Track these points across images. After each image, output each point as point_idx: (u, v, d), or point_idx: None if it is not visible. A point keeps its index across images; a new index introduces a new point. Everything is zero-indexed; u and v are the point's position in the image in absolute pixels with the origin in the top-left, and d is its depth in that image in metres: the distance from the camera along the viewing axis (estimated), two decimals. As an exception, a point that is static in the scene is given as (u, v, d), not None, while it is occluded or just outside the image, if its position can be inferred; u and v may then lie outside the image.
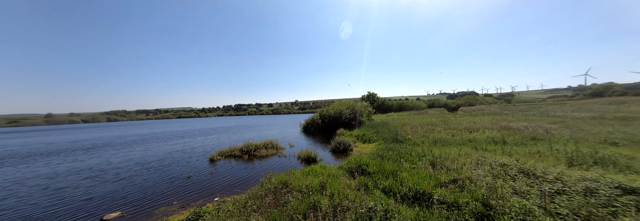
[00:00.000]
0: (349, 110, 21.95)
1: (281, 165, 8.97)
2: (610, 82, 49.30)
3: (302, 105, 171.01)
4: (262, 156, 10.84)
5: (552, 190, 3.84)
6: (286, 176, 5.62)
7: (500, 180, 4.46)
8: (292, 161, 9.66)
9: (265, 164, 9.21)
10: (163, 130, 33.34)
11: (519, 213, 3.10)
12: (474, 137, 10.04)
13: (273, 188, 5.04)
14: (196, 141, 17.98)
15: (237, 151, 11.31)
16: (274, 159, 10.10)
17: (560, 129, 10.84)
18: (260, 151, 11.32)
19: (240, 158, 10.53)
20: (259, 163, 9.49)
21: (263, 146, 12.06)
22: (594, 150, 6.33)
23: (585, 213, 3.08)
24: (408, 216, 3.05)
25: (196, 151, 13.33)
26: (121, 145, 17.28)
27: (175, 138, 21.41)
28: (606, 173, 4.61)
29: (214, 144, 16.09)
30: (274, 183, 5.30)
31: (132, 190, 6.65)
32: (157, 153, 13.14)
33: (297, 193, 4.46)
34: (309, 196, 4.12)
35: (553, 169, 4.83)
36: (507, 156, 6.46)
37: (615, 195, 3.51)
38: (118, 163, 10.69)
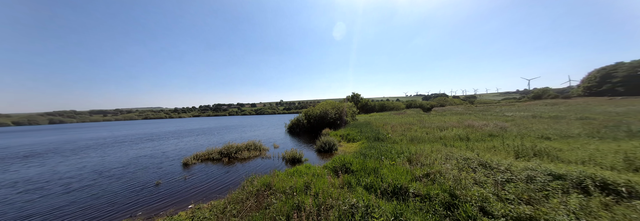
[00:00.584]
0: (334, 110, 22.34)
1: (265, 167, 8.72)
2: (546, 87, 59.42)
3: (288, 105, 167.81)
4: (244, 158, 10.38)
5: (503, 179, 4.48)
6: (269, 178, 5.50)
7: (464, 172, 5.03)
8: (277, 162, 9.46)
9: (248, 167, 8.84)
10: (127, 133, 29.50)
11: (478, 200, 3.56)
12: (444, 135, 11.12)
13: (255, 190, 4.88)
14: (168, 144, 16.34)
15: (216, 154, 10.64)
16: (257, 161, 9.76)
17: (511, 126, 12.65)
18: (242, 153, 10.82)
19: (220, 161, 9.94)
20: (240, 166, 9.06)
21: (245, 147, 11.54)
22: (534, 144, 7.55)
23: (526, 197, 3.68)
24: (387, 210, 3.27)
25: (168, 155, 12.15)
26: (71, 151, 14.76)
27: (143, 141, 19.16)
28: (542, 163, 5.55)
29: (190, 147, 14.84)
30: (257, 186, 5.14)
31: (86, 203, 5.74)
32: (119, 158, 11.61)
33: (280, 195, 4.40)
34: (293, 197, 4.12)
35: (504, 161, 5.64)
36: (470, 151, 7.31)
37: (547, 180, 4.26)
38: (67, 172, 9.14)
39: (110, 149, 14.92)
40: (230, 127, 33.31)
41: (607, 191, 3.78)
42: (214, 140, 18.26)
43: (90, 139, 22.23)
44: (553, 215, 3.00)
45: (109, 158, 11.88)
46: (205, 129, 29.89)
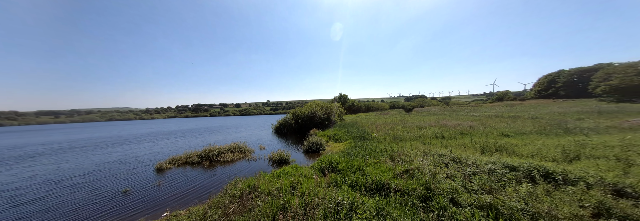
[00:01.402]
0: (322, 111, 22.53)
1: (250, 169, 8.47)
2: (506, 90, 67.35)
3: (275, 105, 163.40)
4: (227, 161, 9.92)
5: (470, 172, 5.02)
6: (254, 180, 5.38)
7: (438, 168, 5.52)
8: (263, 164, 9.25)
9: (231, 170, 8.49)
10: (89, 136, 26.17)
11: (449, 192, 3.95)
12: (423, 133, 11.96)
13: (239, 194, 4.74)
14: (141, 148, 14.92)
15: (195, 157, 10.00)
16: (241, 164, 9.41)
17: (478, 125, 14.08)
18: (224, 155, 10.34)
19: (200, 165, 9.37)
20: (222, 169, 8.66)
21: (228, 150, 11.04)
22: (495, 141, 8.54)
23: (487, 187, 4.18)
24: (370, 206, 3.47)
25: (142, 160, 11.11)
26: (15, 159, 12.63)
27: (109, 145, 17.19)
28: (502, 157, 6.32)
29: (167, 150, 13.71)
30: (241, 189, 4.98)
31: (38, 217, 4.98)
32: (80, 165, 10.29)
33: (266, 197, 4.34)
34: (279, 198, 4.10)
35: (472, 157, 6.30)
36: (444, 148, 8.00)
37: (505, 172, 4.88)
38: (11, 182, 7.82)
39: (69, 155, 13.15)
40: (213, 128, 31.56)
41: (549, 180, 4.47)
42: (194, 143, 17.13)
43: (41, 144, 19.26)
44: (508, 201, 3.47)
45: (68, 165, 10.47)
46: (184, 131, 27.86)
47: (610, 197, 3.59)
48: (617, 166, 5.05)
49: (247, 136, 20.25)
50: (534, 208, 3.21)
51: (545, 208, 3.15)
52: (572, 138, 8.38)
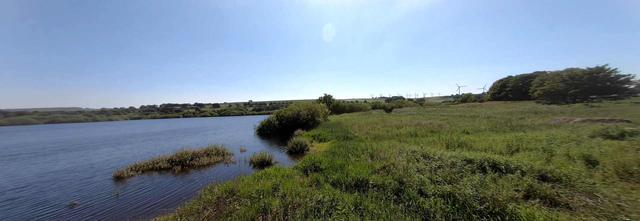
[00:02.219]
0: (306, 111, 22.54)
1: (228, 173, 8.08)
2: (469, 93, 76.50)
3: (258, 106, 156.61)
4: (203, 165, 9.30)
5: (436, 166, 5.65)
6: (233, 184, 5.17)
7: (411, 163, 6.08)
8: (243, 166, 8.91)
9: (207, 174, 8.00)
10: (24, 141, 21.76)
11: (418, 184, 4.42)
12: (399, 132, 12.90)
13: (215, 198, 4.50)
14: (97, 155, 13.04)
15: (164, 163, 9.13)
16: (219, 167, 8.91)
17: (445, 124, 15.75)
18: (200, 159, 9.67)
19: (169, 171, 8.61)
20: (197, 174, 8.10)
21: (204, 153, 10.34)
22: (458, 137, 9.69)
23: (449, 178, 4.79)
24: (349, 202, 3.69)
25: (99, 167, 9.76)
26: None
27: (53, 152, 14.59)
28: (462, 151, 7.23)
29: (131, 156, 12.21)
30: (217, 193, 4.75)
31: None
32: (14, 176, 8.61)
33: (245, 200, 4.23)
34: (259, 201, 4.05)
35: (438, 152, 7.08)
36: (416, 145, 8.79)
37: (463, 165, 5.62)
38: None
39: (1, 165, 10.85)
40: (188, 130, 29.12)
41: (496, 169, 5.30)
42: (165, 146, 15.59)
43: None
44: (463, 189, 4.04)
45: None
46: (153, 134, 25.02)
47: (537, 181, 4.44)
48: (543, 156, 6.23)
49: (227, 138, 19.20)
50: (482, 193, 3.81)
51: (490, 193, 3.76)
52: (514, 134, 9.99)
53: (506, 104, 42.42)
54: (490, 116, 21.06)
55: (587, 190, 4.15)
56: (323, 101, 48.16)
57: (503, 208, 3.43)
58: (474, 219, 3.29)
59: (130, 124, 53.31)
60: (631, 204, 3.57)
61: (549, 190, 4.08)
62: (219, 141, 16.39)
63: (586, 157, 5.71)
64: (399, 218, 3.21)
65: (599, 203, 3.70)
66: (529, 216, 3.16)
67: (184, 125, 41.50)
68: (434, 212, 3.43)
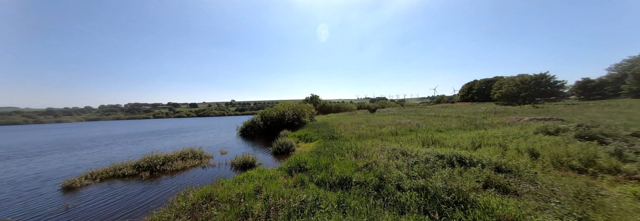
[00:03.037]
0: (292, 111, 22.29)
1: (206, 177, 7.58)
2: (443, 95, 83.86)
3: (241, 106, 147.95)
4: (176, 169, 8.58)
5: (413, 162, 6.10)
6: (211, 188, 4.89)
7: (391, 160, 6.46)
8: (223, 170, 8.46)
9: (181, 180, 7.41)
10: None
11: (396, 180, 4.73)
12: (382, 131, 13.56)
13: (190, 205, 4.21)
14: (43, 163, 11.13)
15: (129, 169, 8.21)
16: (195, 172, 8.32)
17: (422, 123, 17.01)
18: (173, 163, 8.91)
19: (135, 177, 7.77)
20: (170, 180, 7.45)
21: (179, 156, 9.56)
22: (432, 135, 10.56)
23: (423, 173, 5.21)
24: (332, 200, 3.80)
25: (45, 176, 8.41)
26: None
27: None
28: (435, 148, 7.92)
29: (90, 163, 10.69)
30: (192, 199, 4.44)
31: None
32: None
33: (224, 205, 4.03)
34: (240, 204, 3.91)
35: (415, 149, 7.63)
36: (397, 143, 9.35)
37: (436, 160, 6.16)
38: None
39: None
40: (162, 132, 26.59)
41: (462, 164, 5.92)
42: (134, 151, 14.04)
43: None
44: (434, 183, 4.44)
45: None
46: (119, 137, 22.31)
47: (493, 173, 5.09)
48: (499, 150, 7.14)
49: (207, 140, 17.98)
50: (450, 185, 4.24)
51: (456, 185, 4.21)
52: (477, 131, 11.24)
53: (472, 105, 47.35)
54: (460, 115, 23.32)
55: (530, 178, 4.89)
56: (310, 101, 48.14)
57: (466, 197, 3.87)
58: (442, 209, 3.65)
59: (88, 127, 46.45)
60: (561, 188, 4.32)
61: (502, 180, 4.71)
62: (198, 143, 15.25)
63: (531, 150, 6.71)
64: (378, 213, 3.40)
65: (539, 189, 4.40)
66: (486, 203, 3.62)
67: (157, 127, 37.67)
68: (409, 205, 3.72)
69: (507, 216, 3.24)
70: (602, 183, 4.70)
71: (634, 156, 5.83)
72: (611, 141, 7.15)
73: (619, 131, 7.79)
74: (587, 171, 5.32)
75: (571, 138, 7.90)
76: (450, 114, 25.37)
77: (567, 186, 4.32)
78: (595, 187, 4.45)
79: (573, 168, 5.54)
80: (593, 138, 7.62)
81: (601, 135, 7.70)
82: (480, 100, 58.37)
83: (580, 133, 8.08)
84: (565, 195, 4.06)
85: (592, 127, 8.62)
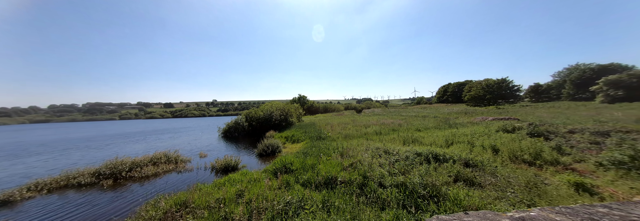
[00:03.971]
0: (279, 112, 21.86)
1: (182, 182, 7.03)
2: (422, 96, 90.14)
3: (224, 106, 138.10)
4: (146, 176, 7.80)
5: (394, 160, 6.43)
6: (187, 195, 4.55)
7: (374, 159, 6.73)
8: (202, 174, 7.94)
9: (152, 187, 6.78)
10: None
11: (379, 177, 4.94)
12: (367, 131, 14.02)
13: (161, 214, 3.91)
14: None
15: (87, 177, 7.27)
16: (169, 178, 7.66)
17: (404, 123, 18.00)
18: (142, 169, 8.09)
19: (94, 187, 6.90)
20: (138, 188, 6.75)
21: (150, 161, 8.72)
22: (412, 134, 11.25)
23: (403, 170, 5.53)
24: (318, 200, 3.83)
25: None
26: None
27: None
28: (414, 146, 8.45)
29: (42, 171, 9.22)
30: (164, 208, 4.10)
31: None
32: None
33: (202, 211, 3.80)
34: (220, 210, 3.73)
35: (397, 147, 8.06)
36: (380, 142, 9.76)
37: (414, 157, 6.58)
38: None
39: None
40: (132, 135, 24.07)
41: (437, 160, 6.42)
42: (99, 156, 12.43)
43: None
44: (412, 178, 4.74)
45: None
46: (79, 141, 19.63)
47: (462, 168, 5.62)
48: (467, 147, 7.89)
49: (185, 142, 16.74)
50: (425, 181, 4.57)
51: (431, 180, 4.55)
52: (450, 130, 12.28)
53: (447, 106, 51.57)
54: (436, 116, 25.20)
55: (492, 171, 5.50)
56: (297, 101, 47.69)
57: (439, 191, 4.21)
58: (418, 202, 3.92)
59: (32, 129, 39.73)
60: (515, 179, 4.94)
61: (469, 174, 5.23)
62: (175, 146, 14.08)
63: (493, 147, 7.55)
64: (361, 210, 3.52)
65: (498, 180, 4.97)
66: (455, 195, 3.98)
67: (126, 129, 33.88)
68: (389, 201, 3.92)
69: (472, 206, 3.61)
70: (546, 174, 5.50)
71: (570, 150, 6.93)
72: (553, 137, 8.39)
73: (559, 129, 9.17)
74: (535, 164, 6.17)
75: (524, 135, 9.08)
76: (428, 115, 27.27)
77: (520, 177, 4.96)
78: (541, 177, 5.18)
79: (525, 161, 6.38)
80: (540, 134, 8.86)
81: (546, 132, 8.99)
82: (454, 101, 63.81)
83: (531, 130, 9.33)
84: (518, 185, 4.65)
85: (540, 125, 10.01)
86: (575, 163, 6.05)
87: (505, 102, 39.59)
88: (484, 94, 41.47)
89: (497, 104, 38.99)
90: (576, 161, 6.11)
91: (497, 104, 39.46)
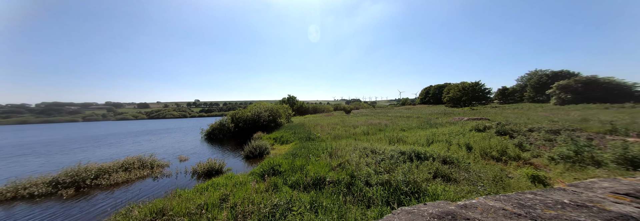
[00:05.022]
0: (268, 112, 21.36)
1: (158, 189, 6.53)
2: (407, 98, 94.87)
3: (208, 106, 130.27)
4: (116, 183, 7.05)
5: (380, 159, 6.69)
6: (164, 202, 4.24)
7: (362, 158, 6.92)
8: (181, 179, 7.44)
9: (124, 194, 6.19)
10: None
11: (365, 176, 5.10)
12: (355, 131, 14.35)
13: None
14: None
15: (41, 186, 6.45)
16: (143, 184, 7.04)
17: (389, 123, 18.77)
18: (111, 176, 7.29)
19: (51, 197, 6.11)
20: (106, 196, 6.09)
21: (121, 167, 7.93)
22: (397, 134, 11.78)
23: (387, 168, 5.77)
24: (306, 201, 3.84)
25: None
26: None
27: None
28: (399, 145, 8.86)
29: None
30: (137, 217, 3.82)
31: None
32: None
33: (181, 219, 3.62)
34: (201, 216, 3.57)
35: (383, 147, 8.38)
36: (368, 142, 10.07)
37: (398, 156, 6.91)
38: None
39: None
40: (104, 138, 21.75)
41: (419, 158, 6.82)
42: (65, 161, 10.97)
43: None
44: (396, 176, 4.98)
45: None
46: (37, 145, 17.28)
47: (441, 165, 6.04)
48: (445, 146, 8.50)
49: (162, 146, 15.60)
50: (408, 178, 4.82)
51: (413, 177, 4.83)
52: (431, 130, 13.11)
53: (429, 107, 54.91)
54: (419, 116, 26.70)
55: (466, 167, 6.00)
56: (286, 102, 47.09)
57: (420, 187, 4.48)
58: (401, 199, 4.12)
59: None
60: (484, 174, 5.44)
61: (446, 170, 5.64)
62: (152, 150, 12.98)
63: (467, 145, 8.24)
64: (347, 209, 3.61)
65: (471, 175, 5.44)
66: (434, 190, 4.27)
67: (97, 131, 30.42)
68: (375, 198, 4.07)
69: (448, 200, 3.91)
70: (510, 168, 6.15)
71: (529, 146, 7.83)
72: (516, 135, 9.41)
73: (521, 128, 10.32)
74: (501, 159, 6.87)
75: (493, 133, 10.05)
76: (412, 115, 28.76)
77: (489, 172, 5.49)
78: (506, 171, 5.79)
79: (493, 157, 7.06)
80: (506, 133, 9.88)
81: (511, 131, 10.05)
82: (434, 102, 68.13)
83: (499, 129, 10.36)
84: (487, 179, 5.14)
85: (505, 125, 11.16)
86: (533, 158, 6.87)
87: (478, 103, 43.38)
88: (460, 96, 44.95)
89: (471, 106, 42.54)
90: (534, 157, 6.93)
91: (472, 105, 43.07)
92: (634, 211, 0.79)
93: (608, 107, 17.84)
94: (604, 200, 0.90)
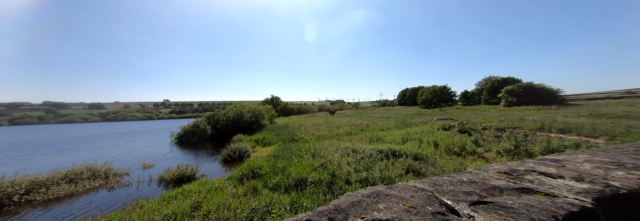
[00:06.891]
0: (251, 113, 20.48)
1: (115, 201, 5.77)
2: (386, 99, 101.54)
3: (179, 107, 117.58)
4: (56, 198, 5.97)
5: (360, 158, 7.03)
6: (122, 214, 3.83)
7: (343, 158, 7.17)
8: (145, 189, 6.67)
9: (66, 210, 5.27)
10: None
11: (345, 175, 5.32)
12: (339, 132, 14.73)
13: None
14: None
15: None
16: (95, 197, 6.14)
17: (370, 124, 19.77)
18: (49, 190, 6.14)
19: None
20: (42, 214, 5.10)
21: (63, 178, 6.73)
22: (377, 134, 12.50)
23: (366, 166, 6.11)
24: (286, 203, 3.84)
25: None
26: None
27: None
28: (377, 144, 9.43)
29: None
30: None
31: None
32: None
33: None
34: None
35: (363, 146, 8.81)
36: (350, 142, 10.45)
37: (376, 154, 7.36)
38: None
39: None
40: (44, 143, 18.06)
41: (395, 156, 7.37)
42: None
43: None
44: (374, 173, 5.31)
45: None
46: None
47: (413, 161, 6.64)
48: (417, 143, 9.36)
49: (123, 152, 13.71)
50: (384, 174, 5.19)
51: (388, 174, 5.22)
52: (406, 129, 14.26)
53: (406, 108, 59.46)
54: (397, 117, 28.71)
55: (433, 162, 6.71)
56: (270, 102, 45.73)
57: (393, 182, 4.86)
58: (377, 195, 4.42)
59: None
60: (448, 168, 6.18)
61: (417, 166, 6.23)
62: (108, 157, 11.24)
63: (435, 142, 9.21)
64: (328, 207, 3.72)
65: (436, 169, 6.11)
66: (405, 185, 4.69)
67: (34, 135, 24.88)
68: (353, 196, 4.28)
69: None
70: (468, 162, 7.10)
71: (482, 142, 9.15)
72: (473, 133, 10.89)
73: (477, 127, 11.96)
74: (461, 154, 7.88)
75: (456, 132, 11.44)
76: (390, 116, 30.77)
77: (451, 166, 6.25)
78: (464, 165, 6.66)
79: (455, 153, 8.05)
80: (466, 131, 11.35)
81: (469, 129, 11.58)
82: (410, 104, 74.03)
83: (460, 128, 11.84)
84: (449, 171, 5.84)
85: (466, 124, 12.81)
86: (485, 152, 8.06)
87: (446, 105, 48.74)
88: (431, 98, 49.86)
89: (440, 107, 47.48)
90: (486, 151, 8.14)
91: (441, 106, 48.11)
92: (503, 183, 1.11)
93: (541, 109, 21.89)
94: (490, 178, 1.20)
